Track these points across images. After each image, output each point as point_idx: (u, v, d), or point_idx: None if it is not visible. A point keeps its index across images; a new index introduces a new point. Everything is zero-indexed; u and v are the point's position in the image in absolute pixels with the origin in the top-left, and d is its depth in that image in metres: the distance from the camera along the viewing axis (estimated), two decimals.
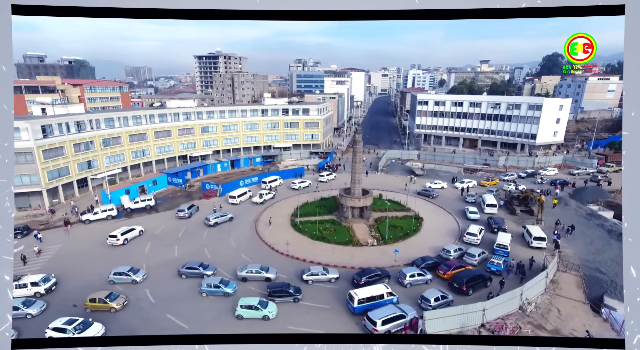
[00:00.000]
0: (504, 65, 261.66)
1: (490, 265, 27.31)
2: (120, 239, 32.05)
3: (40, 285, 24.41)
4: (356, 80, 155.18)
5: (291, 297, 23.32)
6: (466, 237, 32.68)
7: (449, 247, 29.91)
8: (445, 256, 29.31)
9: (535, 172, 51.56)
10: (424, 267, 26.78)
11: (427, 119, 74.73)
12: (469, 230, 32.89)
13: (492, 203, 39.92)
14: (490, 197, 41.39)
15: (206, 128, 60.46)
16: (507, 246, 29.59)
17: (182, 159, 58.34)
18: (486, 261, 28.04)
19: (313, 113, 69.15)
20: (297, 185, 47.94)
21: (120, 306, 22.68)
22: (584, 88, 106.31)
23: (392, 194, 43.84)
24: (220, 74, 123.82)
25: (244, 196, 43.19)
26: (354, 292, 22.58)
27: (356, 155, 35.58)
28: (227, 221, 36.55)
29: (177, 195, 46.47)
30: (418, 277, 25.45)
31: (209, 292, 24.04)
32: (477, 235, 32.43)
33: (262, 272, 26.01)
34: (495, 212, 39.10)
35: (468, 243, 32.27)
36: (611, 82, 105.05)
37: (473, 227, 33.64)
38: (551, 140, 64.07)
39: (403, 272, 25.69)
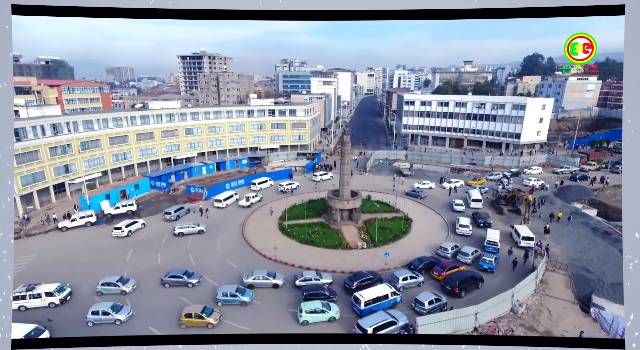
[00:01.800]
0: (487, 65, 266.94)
1: (482, 264, 27.46)
2: (125, 231, 33.44)
3: (55, 296, 23.15)
4: (343, 81, 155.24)
5: (327, 300, 22.80)
6: (459, 229, 33.29)
7: (446, 245, 30.09)
8: (443, 254, 29.40)
9: (520, 171, 52.26)
10: (421, 268, 26.63)
11: (414, 119, 75.02)
12: (461, 222, 33.55)
13: (477, 198, 40.85)
14: (475, 192, 42.05)
15: (190, 130, 58.98)
16: (497, 243, 30.10)
17: (165, 161, 56.70)
18: (479, 259, 28.09)
19: (300, 114, 68.43)
20: (285, 187, 47.17)
21: (217, 321, 21.37)
22: (564, 88, 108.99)
23: (381, 195, 43.57)
24: (204, 75, 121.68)
25: (230, 199, 42.13)
26: (359, 294, 22.27)
27: (345, 157, 35.08)
28: (195, 233, 33.60)
29: (160, 200, 45.01)
30: (411, 280, 25.21)
31: (224, 302, 23.02)
32: (469, 226, 33.13)
33: (270, 278, 25.23)
34: (480, 207, 40.05)
35: (461, 235, 33.06)
36: (590, 82, 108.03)
37: (463, 219, 34.23)
38: (535, 140, 65.16)
39: (395, 275, 25.35)
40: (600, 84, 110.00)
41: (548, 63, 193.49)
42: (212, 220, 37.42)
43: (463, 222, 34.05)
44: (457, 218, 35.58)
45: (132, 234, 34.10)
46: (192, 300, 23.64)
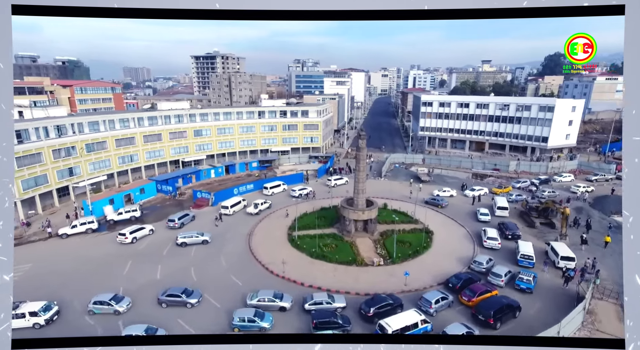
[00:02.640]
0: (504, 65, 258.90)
1: (519, 283, 24.49)
2: (129, 237, 31.79)
3: (40, 315, 21.23)
4: (356, 81, 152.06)
5: (340, 329, 20.20)
6: (487, 242, 30.56)
7: (481, 259, 27.57)
8: (477, 269, 26.89)
9: (549, 179, 48.30)
10: (460, 287, 24.10)
11: (432, 120, 71.50)
12: (489, 234, 30.80)
13: (503, 206, 37.94)
14: (502, 199, 39.15)
15: (199, 131, 57.18)
16: (533, 257, 27.31)
17: (173, 164, 55.04)
18: (513, 279, 25.20)
19: (312, 115, 65.92)
20: (297, 193, 44.77)
21: None
22: (591, 88, 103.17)
23: (398, 203, 40.60)
24: (217, 75, 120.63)
25: (237, 206, 39.88)
26: (385, 322, 19.72)
27: (360, 163, 32.32)
28: (199, 244, 31.47)
29: (166, 204, 43.18)
30: (442, 301, 22.70)
31: (242, 328, 20.65)
32: (497, 238, 30.50)
33: (276, 300, 22.71)
34: (506, 215, 37.24)
35: (489, 248, 30.29)
36: (619, 82, 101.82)
37: (491, 230, 31.43)
38: (563, 144, 60.86)
39: (426, 298, 22.65)
40: None
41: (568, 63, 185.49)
42: (217, 229, 35.26)
43: (491, 234, 30.93)
44: (483, 229, 32.49)
45: (137, 240, 32.30)
46: (191, 323, 21.35)
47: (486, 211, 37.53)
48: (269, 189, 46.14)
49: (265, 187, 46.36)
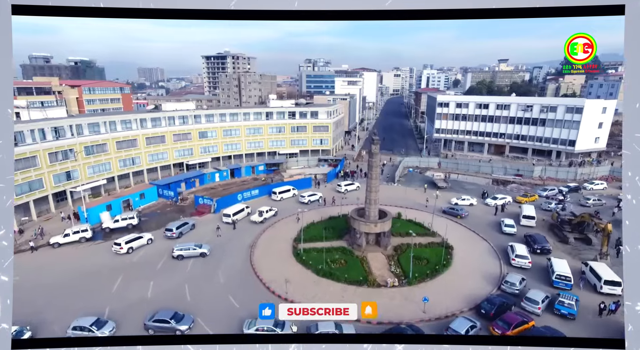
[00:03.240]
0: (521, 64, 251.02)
1: (560, 307, 21.40)
2: (124, 247, 29.82)
3: None
4: (368, 81, 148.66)
5: None
6: (515, 260, 27.28)
7: (513, 278, 24.55)
8: (510, 290, 23.90)
9: (579, 186, 44.28)
10: (495, 313, 21.19)
11: (448, 122, 67.87)
12: (517, 252, 27.59)
13: (530, 214, 34.86)
14: (529, 207, 36.11)
15: (205, 133, 55.05)
16: (570, 277, 24.27)
17: (178, 167, 53.03)
18: (551, 304, 22.14)
19: (322, 116, 63.14)
20: (307, 199, 42.17)
21: None
22: (618, 88, 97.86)
23: (413, 213, 37.47)
24: (226, 75, 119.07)
25: (240, 214, 37.39)
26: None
27: (372, 170, 29.38)
28: (197, 257, 29.07)
29: (167, 211, 41.02)
30: (472, 331, 19.79)
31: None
32: (527, 256, 27.23)
33: (277, 330, 20.06)
34: (533, 225, 34.36)
35: (518, 267, 27.05)
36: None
37: (519, 246, 28.23)
38: (592, 147, 56.57)
39: (454, 329, 19.70)
40: None
41: (592, 61, 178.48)
42: (218, 239, 32.83)
43: (520, 251, 27.62)
44: (509, 245, 29.19)
45: (134, 251, 30.25)
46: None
47: (511, 222, 34.29)
48: (277, 194, 43.70)
49: (274, 192, 43.92)
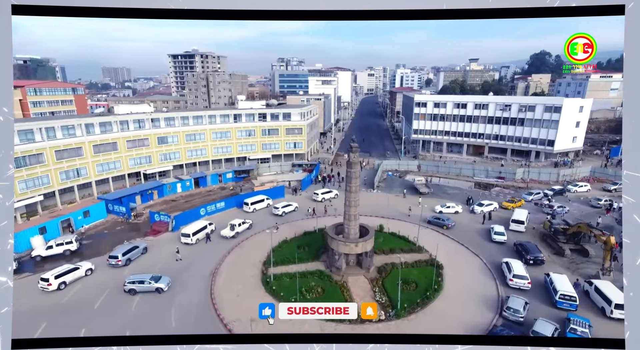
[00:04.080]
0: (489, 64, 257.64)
1: (572, 335, 18.98)
2: (54, 284, 24.41)
3: None
4: (343, 80, 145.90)
5: None
6: (513, 281, 24.40)
7: (515, 304, 21.60)
8: (514, 318, 20.99)
9: (563, 189, 42.67)
10: None
11: (426, 122, 65.58)
12: (515, 271, 24.75)
13: (520, 219, 32.92)
14: (522, 212, 34.28)
15: (164, 138, 49.51)
16: (575, 297, 21.81)
17: (134, 177, 47.27)
18: None
19: (295, 118, 59.03)
20: (280, 210, 38.04)
21: None
22: (585, 86, 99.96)
23: (396, 224, 34.23)
24: (193, 74, 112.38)
25: (202, 232, 32.65)
26: None
27: (351, 182, 25.63)
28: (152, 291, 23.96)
29: (117, 230, 35.58)
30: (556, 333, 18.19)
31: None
32: (526, 276, 24.32)
33: None
34: (522, 230, 32.52)
35: (515, 288, 24.11)
36: (614, 80, 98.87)
37: (516, 264, 25.57)
38: (570, 147, 55.80)
39: None
40: None
41: (555, 61, 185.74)
42: (177, 264, 28.10)
43: (517, 269, 24.73)
44: (503, 262, 26.35)
45: (67, 286, 24.94)
46: None
47: (501, 229, 31.95)
48: (249, 205, 39.29)
49: (246, 203, 39.47)
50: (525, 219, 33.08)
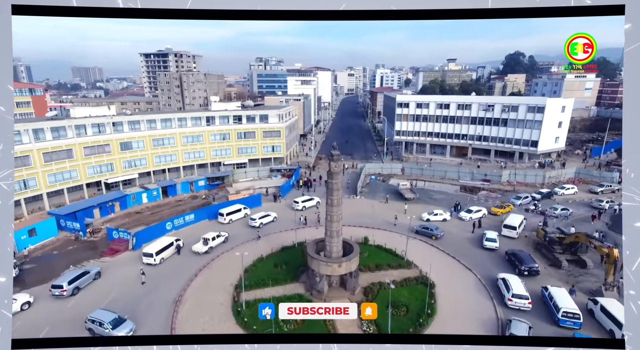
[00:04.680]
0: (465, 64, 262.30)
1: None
2: None
3: None
4: (323, 80, 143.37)
5: None
6: (512, 301, 22.14)
7: (518, 328, 19.44)
8: None
9: (551, 192, 41.40)
10: None
11: (408, 124, 63.74)
12: (515, 290, 22.59)
13: (512, 224, 31.24)
14: (516, 217, 32.60)
15: (128, 144, 45.20)
16: (579, 314, 20.07)
17: (94, 186, 42.80)
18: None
19: (273, 119, 55.76)
20: (258, 222, 34.91)
21: None
22: (561, 86, 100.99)
23: (381, 235, 31.73)
24: (165, 74, 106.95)
25: (167, 251, 29.07)
26: None
27: (333, 194, 22.78)
28: None
29: (68, 251, 31.37)
30: None
31: None
32: (527, 296, 22.17)
33: None
34: (514, 236, 30.95)
35: (515, 309, 21.92)
36: (588, 80, 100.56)
37: (515, 282, 23.36)
38: (553, 148, 55.19)
39: None
40: (599, 81, 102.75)
41: (529, 61, 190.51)
42: (133, 291, 24.44)
43: (517, 288, 22.45)
44: (501, 278, 24.13)
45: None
46: None
47: (494, 236, 30.26)
48: (225, 216, 35.94)
49: (221, 214, 36.11)
50: (518, 224, 31.35)
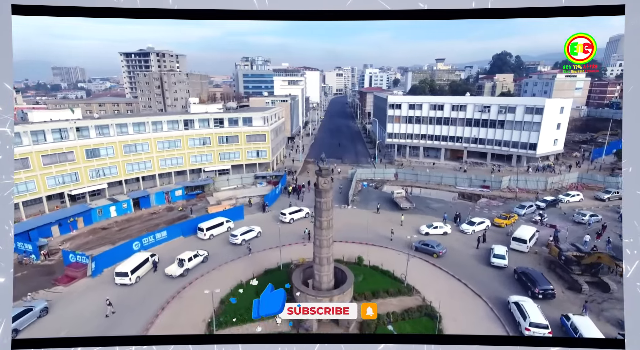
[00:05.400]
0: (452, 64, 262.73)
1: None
2: None
3: None
4: (311, 80, 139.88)
5: None
6: (530, 330, 19.23)
7: None
8: None
9: (556, 200, 38.69)
10: None
11: (401, 126, 60.75)
12: (532, 318, 19.56)
13: (521, 237, 28.45)
14: (527, 229, 29.61)
15: (96, 150, 40.82)
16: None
17: (57, 199, 38.36)
18: None
19: (257, 122, 52.01)
20: (239, 238, 31.23)
21: None
22: (552, 86, 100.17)
23: (377, 252, 28.45)
24: (145, 74, 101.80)
25: (144, 267, 25.26)
26: None
27: (322, 215, 19.28)
28: None
29: (17, 278, 26.84)
30: None
31: None
32: (546, 325, 19.28)
33: None
34: (524, 250, 28.14)
35: None
36: (578, 80, 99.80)
37: (531, 307, 20.38)
38: (551, 150, 52.93)
39: None
40: (589, 81, 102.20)
41: (516, 61, 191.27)
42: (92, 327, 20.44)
43: (534, 315, 19.49)
44: (512, 302, 21.15)
45: None
46: None
47: (502, 252, 27.25)
48: (204, 231, 32.17)
49: (200, 229, 32.32)
50: (529, 237, 28.49)
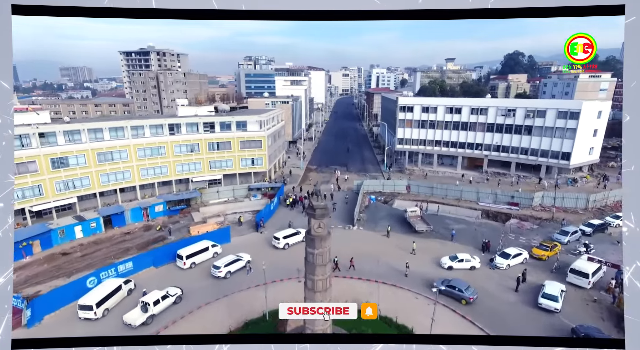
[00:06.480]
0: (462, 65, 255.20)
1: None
2: None
3: None
4: (316, 80, 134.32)
5: None
6: None
7: None
8: None
9: (604, 224, 32.03)
10: None
11: (413, 131, 54.67)
12: None
13: (582, 270, 23.60)
14: (589, 265, 23.86)
15: (64, 159, 35.49)
16: None
17: (18, 215, 33.06)
18: None
19: (253, 127, 46.33)
20: (223, 271, 25.54)
21: None
22: (574, 87, 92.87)
23: (388, 294, 22.53)
24: (140, 73, 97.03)
25: (108, 302, 20.05)
26: None
27: (315, 272, 13.46)
28: None
29: None
30: None
31: None
32: None
33: None
34: (586, 286, 23.31)
35: None
36: (603, 80, 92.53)
37: None
38: (586, 160, 46.48)
39: None
40: (615, 81, 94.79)
41: (529, 61, 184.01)
42: None
43: None
44: None
45: None
46: None
47: (555, 291, 21.61)
48: (184, 259, 26.63)
49: (180, 257, 26.78)
50: (592, 272, 22.68)
